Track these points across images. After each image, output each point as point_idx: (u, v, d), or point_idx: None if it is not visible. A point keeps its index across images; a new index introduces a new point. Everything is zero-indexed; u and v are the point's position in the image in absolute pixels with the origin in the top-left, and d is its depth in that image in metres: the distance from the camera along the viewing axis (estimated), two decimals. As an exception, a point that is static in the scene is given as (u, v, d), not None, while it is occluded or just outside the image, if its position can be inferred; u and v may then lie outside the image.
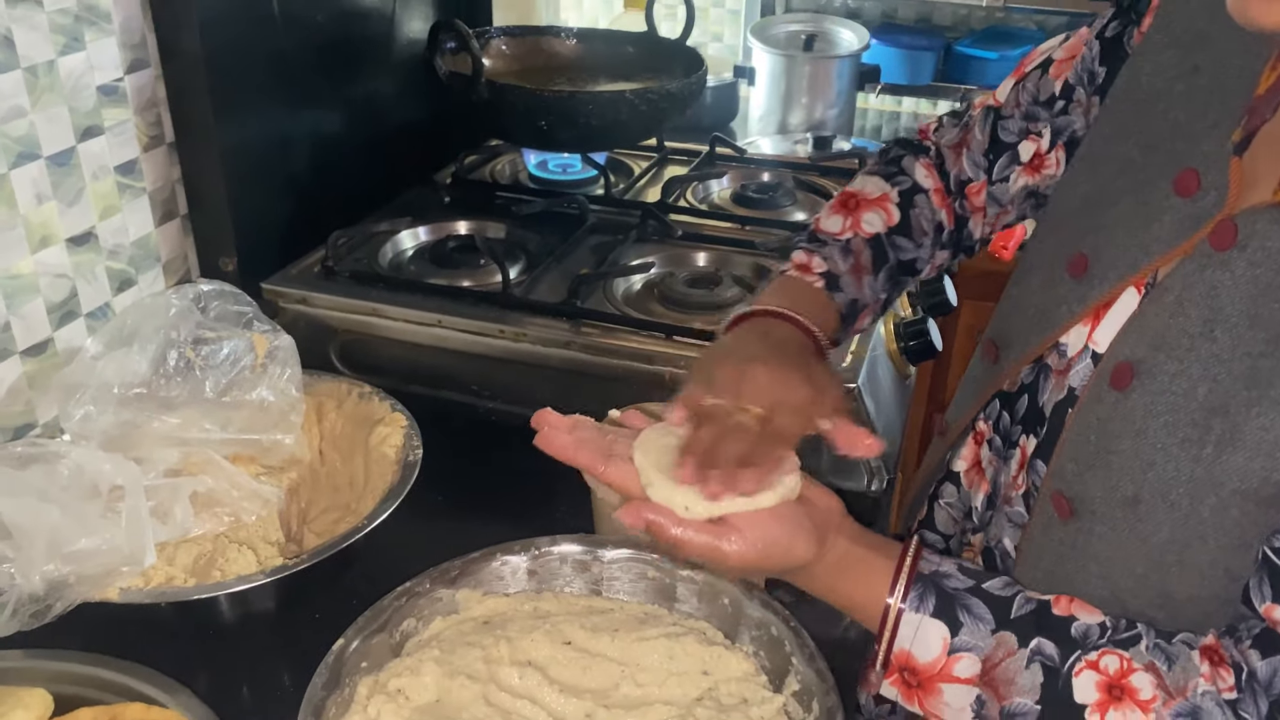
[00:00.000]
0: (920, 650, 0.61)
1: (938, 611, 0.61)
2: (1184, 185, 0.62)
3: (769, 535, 0.62)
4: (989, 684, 0.60)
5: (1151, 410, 0.60)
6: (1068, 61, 0.79)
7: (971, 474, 0.79)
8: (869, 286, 0.83)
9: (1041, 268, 0.73)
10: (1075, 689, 0.57)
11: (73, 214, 0.95)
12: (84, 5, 0.92)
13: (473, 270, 1.15)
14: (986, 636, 0.60)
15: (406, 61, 1.35)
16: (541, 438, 0.66)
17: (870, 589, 0.63)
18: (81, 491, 0.78)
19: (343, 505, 0.94)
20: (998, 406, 0.75)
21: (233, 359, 0.93)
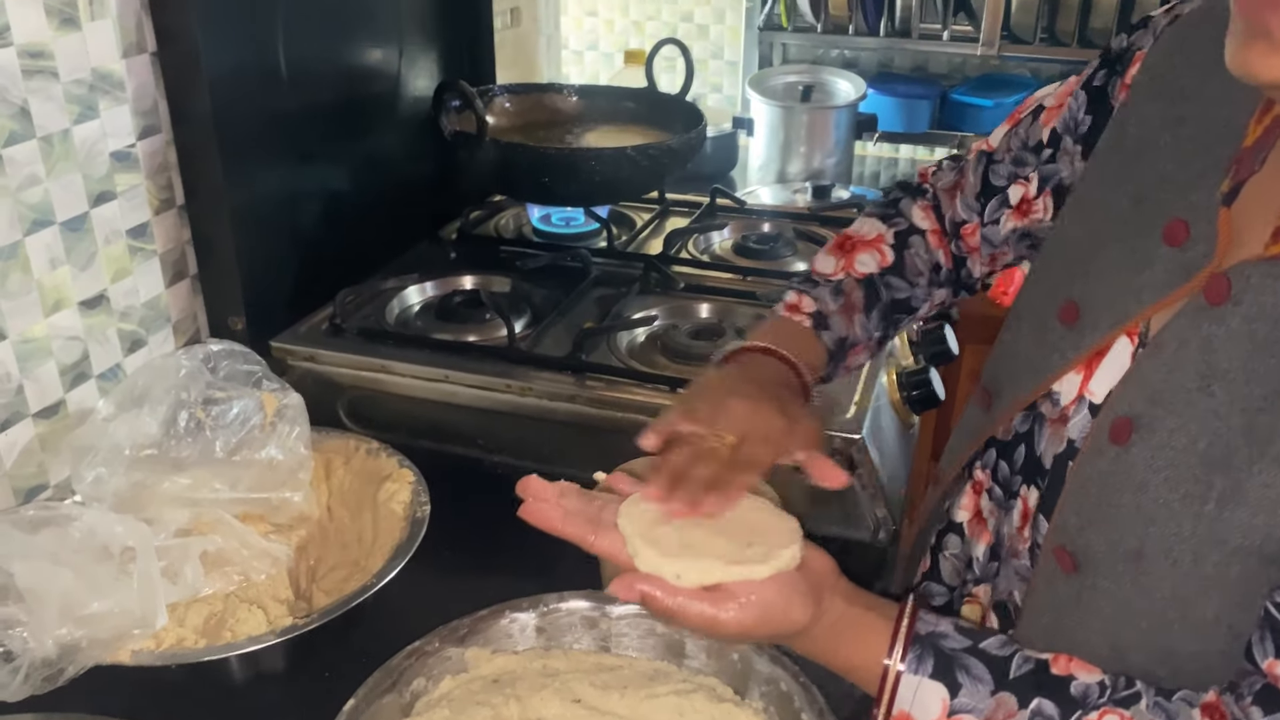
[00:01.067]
0: (920, 712, 0.61)
1: (936, 673, 0.61)
2: (1172, 235, 0.63)
3: (765, 599, 0.62)
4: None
5: (1152, 465, 0.60)
6: (1057, 110, 0.81)
7: (973, 524, 0.80)
8: (860, 325, 0.86)
9: (1032, 315, 0.74)
10: None
11: (85, 277, 0.97)
12: (99, 75, 0.94)
13: (479, 325, 1.16)
14: (986, 698, 0.60)
15: (412, 119, 1.37)
16: (526, 509, 0.66)
17: (868, 651, 0.63)
18: (93, 554, 0.78)
19: (351, 562, 0.94)
20: (994, 455, 0.76)
21: (242, 418, 0.94)
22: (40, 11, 0.87)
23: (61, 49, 0.90)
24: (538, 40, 2.00)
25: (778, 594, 0.62)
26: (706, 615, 0.61)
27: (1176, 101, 0.67)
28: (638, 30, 2.35)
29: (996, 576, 0.76)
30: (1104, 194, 0.71)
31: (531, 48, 1.97)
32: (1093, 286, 0.68)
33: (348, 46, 1.26)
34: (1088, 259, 0.69)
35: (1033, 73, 2.24)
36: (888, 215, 0.91)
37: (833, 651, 0.65)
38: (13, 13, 0.85)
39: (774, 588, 0.62)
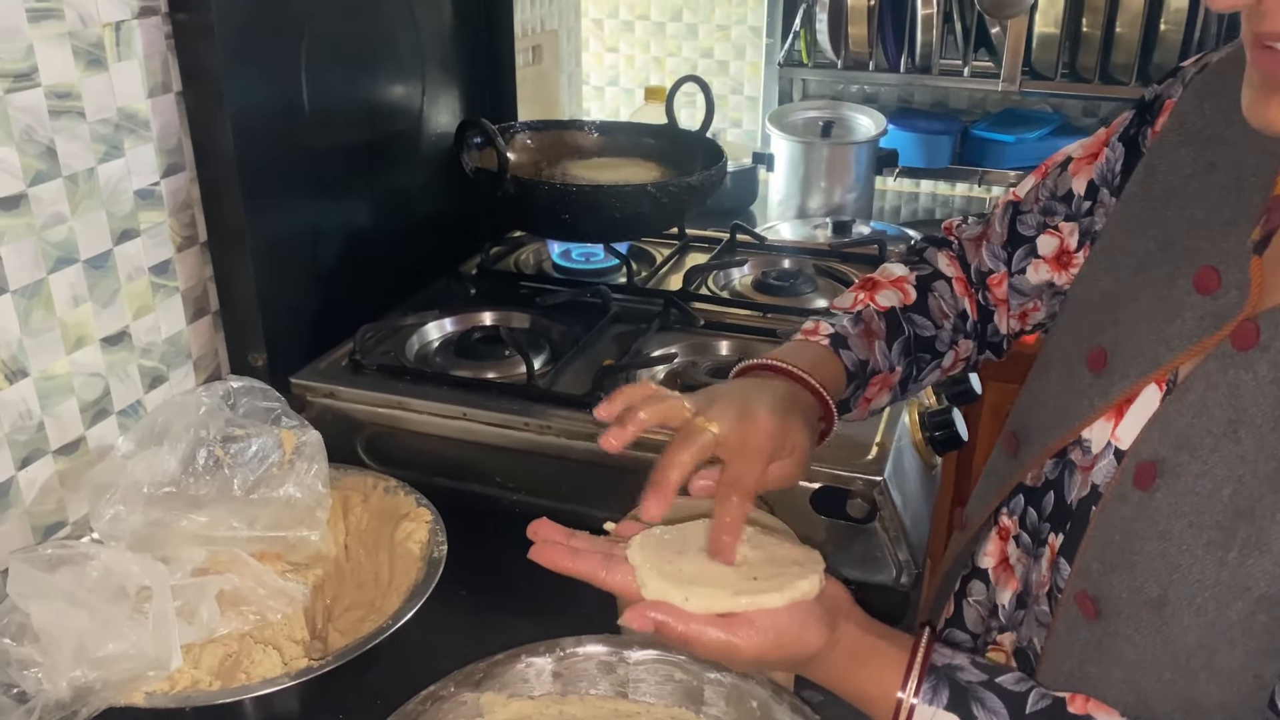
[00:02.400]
0: None
1: (951, 705, 0.61)
2: (1203, 283, 0.63)
3: (780, 624, 0.62)
4: None
5: (1176, 511, 0.59)
6: (1086, 160, 0.81)
7: (999, 571, 0.78)
8: (880, 352, 0.84)
9: (1060, 361, 0.73)
10: None
11: (107, 315, 0.97)
12: (124, 114, 0.95)
13: (498, 362, 1.16)
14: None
15: (433, 155, 1.38)
16: (536, 551, 0.66)
17: (882, 682, 0.63)
18: (109, 594, 0.78)
19: (367, 602, 0.93)
20: (1022, 502, 0.75)
21: (261, 455, 0.94)
22: (68, 53, 0.89)
23: (88, 89, 0.91)
24: (559, 77, 2.02)
25: (791, 619, 0.62)
26: (721, 640, 0.61)
27: (1206, 147, 0.67)
28: (658, 66, 2.37)
29: (1021, 625, 0.75)
30: (1132, 240, 0.71)
31: (553, 84, 1.99)
32: (1121, 333, 0.67)
33: (371, 84, 1.27)
34: (1116, 306, 0.69)
35: (1054, 108, 2.23)
36: (912, 261, 0.91)
37: (846, 679, 0.65)
38: (41, 54, 0.86)
39: (788, 613, 0.62)
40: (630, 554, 0.64)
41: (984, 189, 2.24)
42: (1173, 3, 1.88)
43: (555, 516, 1.03)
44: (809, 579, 0.63)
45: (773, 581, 0.63)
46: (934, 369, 0.90)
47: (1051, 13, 1.96)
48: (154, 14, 0.97)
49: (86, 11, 0.90)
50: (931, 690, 0.61)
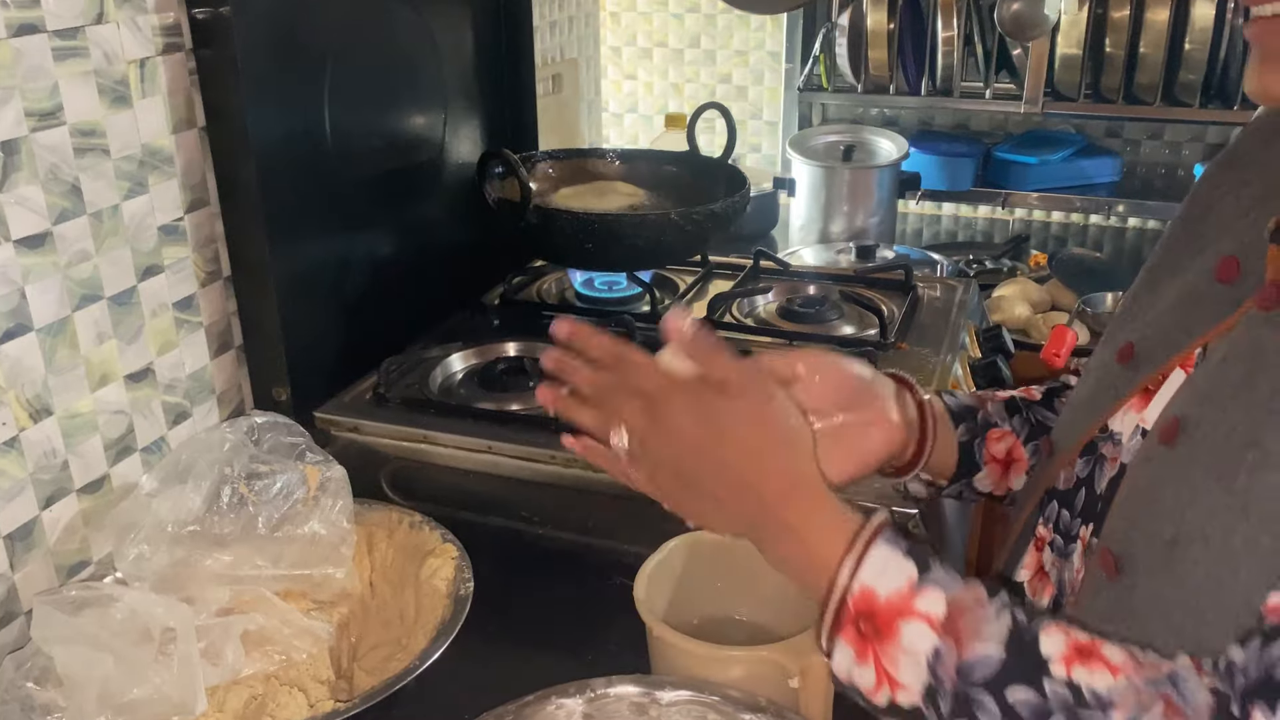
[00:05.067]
0: (883, 583, 0.60)
1: (910, 553, 0.61)
2: (1225, 272, 0.64)
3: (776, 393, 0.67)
4: (951, 632, 0.57)
5: (1193, 457, 0.59)
6: None
7: (1035, 582, 0.77)
8: (996, 411, 0.87)
9: (1094, 369, 0.75)
10: (1042, 642, 0.56)
11: (131, 351, 0.97)
12: (149, 151, 0.95)
13: (522, 393, 1.15)
14: (956, 581, 0.60)
15: (456, 186, 1.38)
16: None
17: (833, 525, 0.63)
18: (134, 636, 0.77)
19: (394, 640, 0.92)
20: (1056, 506, 0.74)
21: (285, 492, 0.93)
22: (93, 91, 0.89)
23: (113, 126, 0.91)
24: (579, 105, 2.02)
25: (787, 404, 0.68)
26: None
27: (1243, 169, 0.70)
28: (677, 92, 2.38)
29: None
30: (1167, 254, 0.73)
31: (573, 113, 1.99)
32: (1149, 328, 0.69)
33: (393, 116, 1.27)
34: (1146, 308, 0.71)
35: (1077, 129, 2.22)
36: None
37: (796, 509, 0.65)
38: (66, 93, 0.86)
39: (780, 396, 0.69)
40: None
41: (1007, 211, 2.23)
42: (1197, 22, 1.86)
43: (581, 551, 1.03)
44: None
45: None
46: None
47: (1074, 33, 1.95)
48: (178, 50, 0.97)
49: (111, 49, 0.90)
50: (893, 536, 0.62)
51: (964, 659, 0.56)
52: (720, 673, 0.77)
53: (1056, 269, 1.76)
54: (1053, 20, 1.88)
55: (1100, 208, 2.13)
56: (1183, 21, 1.88)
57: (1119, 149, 2.20)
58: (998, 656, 0.56)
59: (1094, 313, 1.58)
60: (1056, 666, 0.54)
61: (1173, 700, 0.52)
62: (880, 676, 0.59)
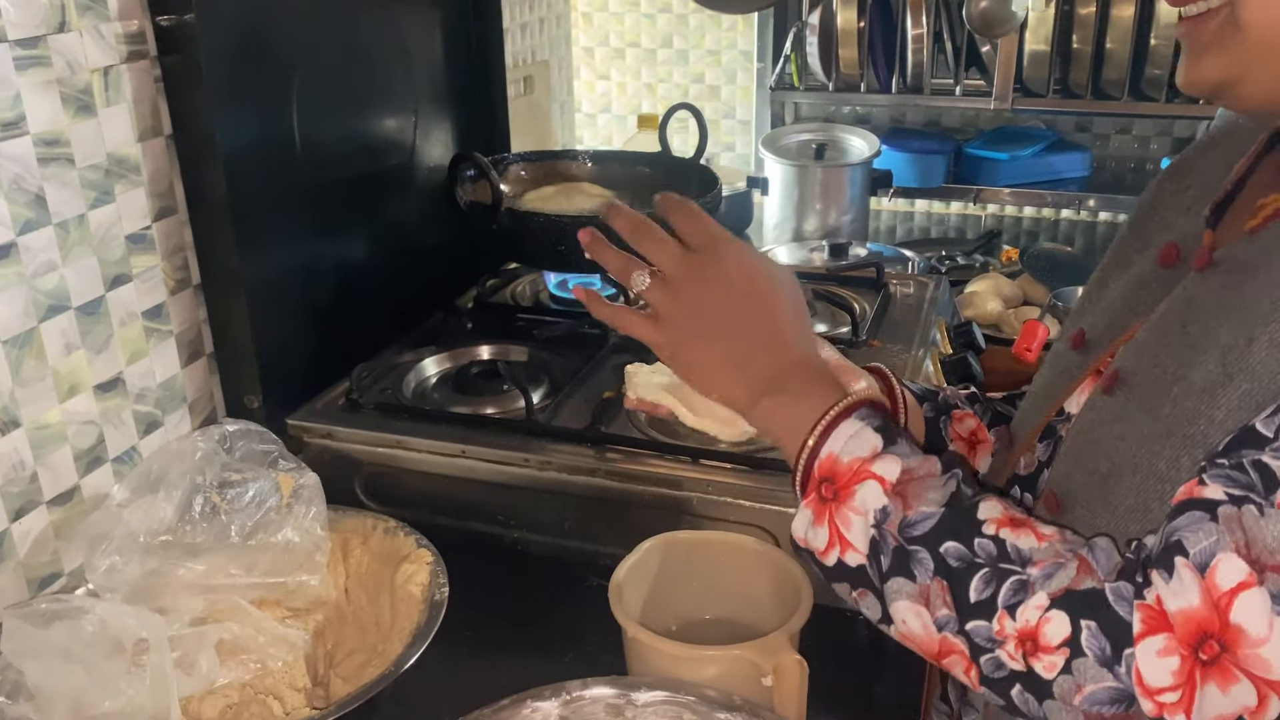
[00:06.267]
0: (848, 450, 0.64)
1: (879, 429, 0.65)
2: (1166, 257, 0.70)
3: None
4: (900, 494, 0.62)
5: (1128, 400, 0.63)
6: None
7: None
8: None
9: (1050, 360, 0.79)
10: (980, 508, 0.61)
11: (100, 361, 0.96)
12: (114, 159, 0.95)
13: (496, 396, 1.15)
14: (915, 453, 0.64)
15: (427, 189, 1.38)
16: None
17: (825, 394, 0.67)
18: (106, 648, 0.77)
19: (369, 647, 0.92)
20: (1019, 491, 0.75)
21: (258, 500, 0.93)
22: (56, 100, 0.88)
23: (77, 135, 0.91)
24: (551, 107, 2.02)
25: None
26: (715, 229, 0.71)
27: (1184, 178, 0.76)
28: (650, 93, 2.38)
29: None
30: (1118, 255, 0.79)
31: (545, 114, 1.99)
32: (1099, 315, 0.75)
33: (363, 120, 1.27)
34: (1098, 300, 0.76)
35: (1047, 125, 2.24)
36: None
37: (805, 371, 0.69)
38: (29, 103, 0.85)
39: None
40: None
41: (979, 207, 2.25)
42: (1162, 18, 1.88)
43: (557, 554, 1.04)
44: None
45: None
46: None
47: (1042, 30, 1.97)
48: (143, 58, 0.96)
49: (74, 58, 0.89)
50: (869, 413, 0.65)
51: (907, 516, 0.62)
52: (695, 672, 0.78)
53: (1028, 264, 1.77)
54: (1020, 17, 1.89)
55: (1071, 202, 2.15)
56: (1148, 17, 1.90)
57: (1088, 144, 2.22)
58: (937, 514, 0.61)
59: (1065, 307, 1.59)
60: (988, 527, 0.60)
61: (1086, 560, 0.57)
62: (832, 537, 0.64)
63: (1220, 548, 0.52)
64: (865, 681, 0.88)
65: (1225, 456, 0.54)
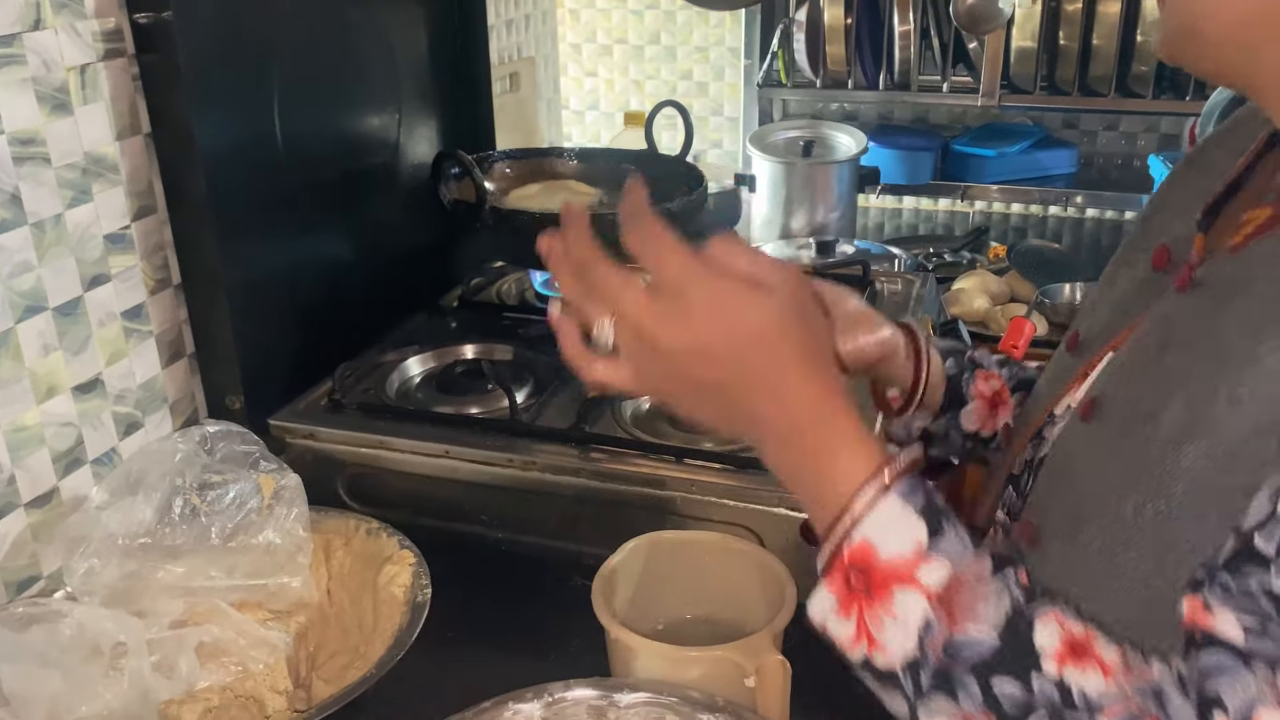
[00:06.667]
0: (888, 543, 0.55)
1: (923, 511, 0.56)
2: (1158, 260, 0.69)
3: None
4: (946, 606, 0.54)
5: (1104, 432, 0.61)
6: None
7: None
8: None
9: (1052, 362, 0.78)
10: (1038, 631, 0.53)
11: (79, 362, 0.95)
12: (92, 158, 0.94)
13: (480, 396, 1.14)
14: (965, 551, 0.55)
15: (412, 188, 1.37)
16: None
17: (856, 455, 0.57)
18: (83, 653, 0.76)
19: (352, 649, 0.91)
20: (1011, 492, 0.75)
21: (239, 502, 0.92)
22: (31, 99, 0.87)
23: (54, 134, 0.90)
24: (537, 104, 2.01)
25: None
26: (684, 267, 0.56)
27: (1197, 167, 0.75)
28: (638, 89, 2.37)
29: None
30: (1125, 252, 0.77)
31: (531, 111, 1.98)
32: (1095, 318, 0.74)
33: (346, 117, 1.26)
34: (1100, 301, 0.75)
35: (1035, 121, 2.24)
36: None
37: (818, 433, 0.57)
38: (3, 101, 0.85)
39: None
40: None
41: (967, 204, 2.25)
42: (1148, 14, 1.88)
43: (541, 554, 1.03)
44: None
45: None
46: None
47: (1028, 27, 1.97)
48: (120, 55, 0.95)
49: (50, 56, 0.88)
50: (910, 488, 0.56)
51: (955, 637, 0.54)
52: (678, 673, 0.78)
53: (1015, 261, 1.77)
54: (1007, 14, 1.89)
55: (1058, 199, 2.15)
56: (1134, 14, 1.90)
57: (1076, 140, 2.22)
58: (990, 642, 0.54)
59: (1052, 304, 1.59)
60: (1048, 663, 0.53)
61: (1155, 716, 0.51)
62: (860, 632, 0.56)
63: (1261, 701, 0.47)
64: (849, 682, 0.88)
65: (1227, 572, 0.49)
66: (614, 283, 0.58)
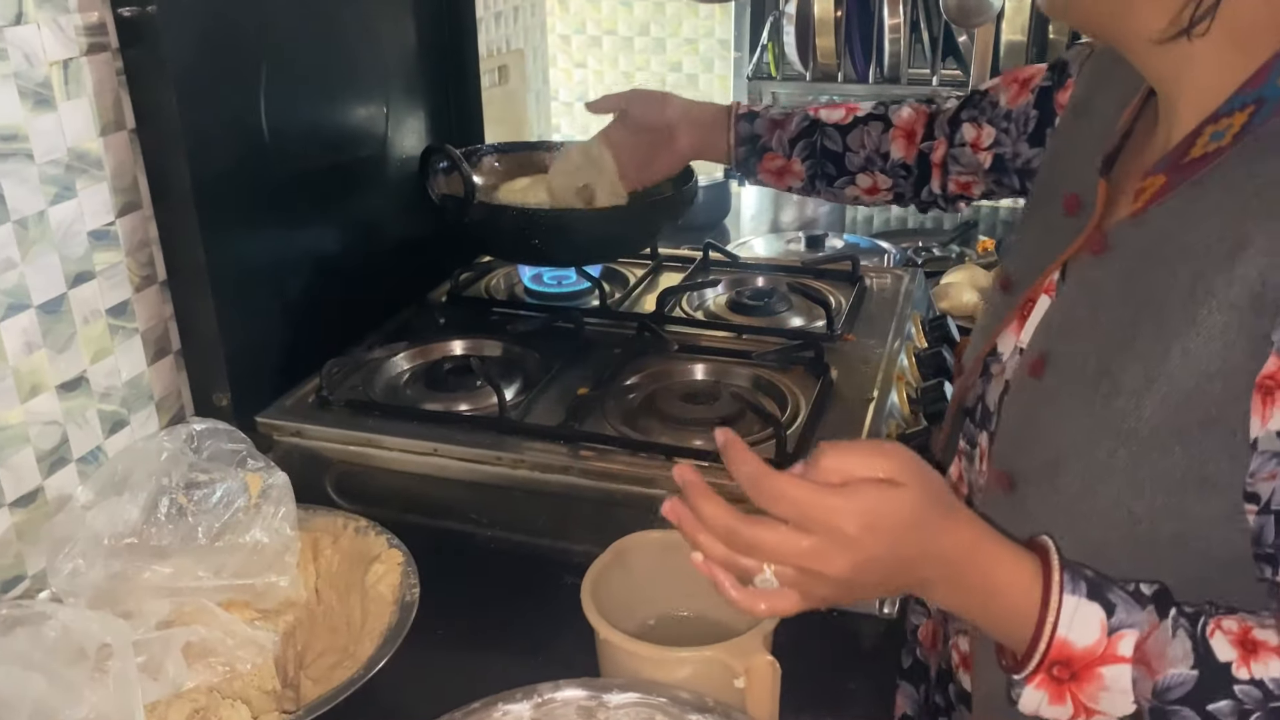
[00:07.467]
0: (1078, 635, 0.61)
1: (1091, 594, 0.61)
2: (1069, 205, 0.79)
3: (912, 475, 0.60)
4: (1141, 660, 0.60)
5: (1060, 386, 0.71)
6: (1016, 96, 1.03)
7: (956, 485, 0.88)
8: (778, 139, 1.16)
9: (988, 298, 0.91)
10: (1215, 649, 0.59)
11: (63, 360, 0.94)
12: (75, 154, 0.93)
13: (469, 393, 1.14)
14: (1138, 612, 0.61)
15: (400, 181, 1.36)
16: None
17: (1013, 569, 0.62)
18: (68, 655, 0.75)
19: (340, 648, 0.91)
20: (967, 421, 0.85)
21: (226, 501, 0.92)
22: (13, 94, 0.86)
23: (36, 130, 0.89)
24: (526, 96, 2.00)
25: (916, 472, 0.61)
26: (825, 507, 0.58)
27: (1087, 115, 0.85)
28: (627, 80, 2.36)
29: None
30: (1036, 193, 0.90)
31: (520, 104, 1.97)
32: (1019, 259, 0.84)
33: (333, 111, 1.25)
34: (1021, 242, 0.87)
35: (1023, 114, 2.23)
36: (882, 104, 1.17)
37: (978, 572, 0.62)
38: (-16, 98, 0.84)
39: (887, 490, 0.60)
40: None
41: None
42: (1137, 8, 1.88)
43: (531, 552, 1.03)
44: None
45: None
46: (847, 182, 1.16)
47: (1018, 20, 1.97)
48: (104, 50, 0.94)
49: (32, 51, 0.87)
50: (1072, 581, 0.61)
51: (1158, 681, 0.59)
52: (667, 674, 0.77)
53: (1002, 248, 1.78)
54: (997, 7, 1.89)
55: (1047, 192, 2.15)
56: (1124, 8, 1.90)
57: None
58: (1190, 676, 0.59)
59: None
60: (1238, 670, 0.58)
61: None
62: (1079, 709, 0.63)
63: None
64: (838, 682, 0.88)
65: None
66: (768, 543, 0.60)
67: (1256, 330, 0.60)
